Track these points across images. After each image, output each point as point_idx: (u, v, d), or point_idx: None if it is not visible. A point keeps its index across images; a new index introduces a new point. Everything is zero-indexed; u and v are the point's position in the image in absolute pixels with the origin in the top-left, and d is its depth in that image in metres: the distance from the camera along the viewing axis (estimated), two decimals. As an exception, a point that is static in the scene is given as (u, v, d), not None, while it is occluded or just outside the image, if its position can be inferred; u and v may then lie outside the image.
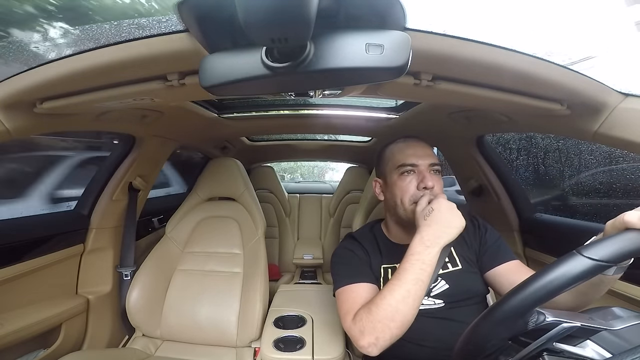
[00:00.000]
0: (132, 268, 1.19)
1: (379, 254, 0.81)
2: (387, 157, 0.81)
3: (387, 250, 0.81)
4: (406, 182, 0.74)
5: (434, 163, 0.75)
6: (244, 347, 1.09)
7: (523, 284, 0.38)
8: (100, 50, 0.53)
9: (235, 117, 1.33)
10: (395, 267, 0.74)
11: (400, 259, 0.75)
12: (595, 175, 1.40)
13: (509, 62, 0.54)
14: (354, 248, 0.82)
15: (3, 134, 0.67)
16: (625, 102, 0.63)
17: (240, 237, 1.28)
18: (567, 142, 1.51)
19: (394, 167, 0.77)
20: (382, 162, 0.82)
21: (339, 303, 0.74)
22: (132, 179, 1.22)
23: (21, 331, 0.87)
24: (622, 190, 1.23)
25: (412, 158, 0.75)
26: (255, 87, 0.46)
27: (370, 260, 0.80)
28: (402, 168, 0.75)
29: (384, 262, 0.80)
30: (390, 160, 0.79)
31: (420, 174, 0.74)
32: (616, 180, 1.26)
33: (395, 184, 0.76)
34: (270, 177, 2.26)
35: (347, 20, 0.40)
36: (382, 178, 0.82)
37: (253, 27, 0.32)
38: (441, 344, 0.69)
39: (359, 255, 0.80)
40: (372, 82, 0.59)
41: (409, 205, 0.73)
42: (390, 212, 0.81)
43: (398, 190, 0.75)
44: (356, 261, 0.79)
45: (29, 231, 0.99)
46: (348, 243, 0.85)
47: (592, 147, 1.35)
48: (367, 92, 0.73)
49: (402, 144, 0.80)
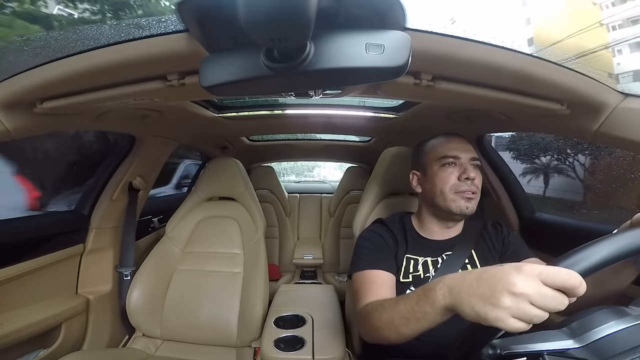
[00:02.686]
0: (132, 268, 1.19)
1: (405, 243, 0.82)
2: (427, 150, 0.82)
3: (414, 242, 0.82)
4: (447, 172, 0.76)
5: (474, 157, 0.77)
6: (244, 347, 1.09)
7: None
8: (100, 50, 0.53)
9: (235, 117, 1.33)
10: (418, 260, 0.78)
11: (426, 253, 0.79)
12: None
13: (509, 62, 0.54)
14: (382, 233, 0.83)
15: (3, 134, 0.67)
16: (625, 102, 0.63)
17: (240, 237, 1.28)
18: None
19: (436, 159, 0.78)
20: (422, 154, 0.83)
21: (355, 285, 0.75)
22: (132, 179, 1.22)
23: (21, 331, 0.87)
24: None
25: (454, 151, 0.76)
26: (255, 87, 0.46)
27: (397, 248, 0.81)
28: (444, 160, 0.76)
29: (409, 252, 0.80)
30: (430, 153, 0.80)
31: (462, 166, 0.75)
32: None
33: (436, 174, 0.77)
34: (270, 177, 2.26)
35: (347, 20, 0.40)
36: (421, 170, 0.83)
37: (253, 27, 0.32)
38: (439, 339, 0.69)
39: (387, 242, 0.81)
40: (372, 82, 0.59)
41: (451, 194, 0.75)
42: (428, 203, 0.82)
43: (439, 180, 0.76)
44: (383, 248, 0.80)
45: (29, 231, 0.98)
46: (377, 227, 0.86)
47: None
48: (367, 92, 0.73)
49: (444, 138, 0.81)
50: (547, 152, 3.50)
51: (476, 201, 0.76)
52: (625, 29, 10.51)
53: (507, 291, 0.36)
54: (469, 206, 0.74)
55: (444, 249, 0.80)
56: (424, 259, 0.78)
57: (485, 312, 0.38)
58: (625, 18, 10.37)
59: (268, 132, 1.95)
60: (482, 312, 0.38)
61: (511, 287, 0.36)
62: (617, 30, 10.65)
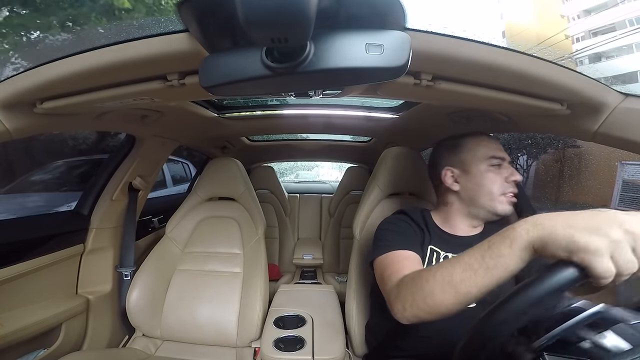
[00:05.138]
0: (132, 268, 1.19)
1: (429, 234, 0.81)
2: (467, 147, 0.81)
3: (437, 235, 0.81)
4: (495, 173, 0.76)
5: (510, 161, 0.78)
6: (244, 347, 1.09)
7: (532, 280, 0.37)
8: (100, 50, 0.53)
9: (235, 117, 1.33)
10: (440, 254, 0.78)
11: (448, 248, 0.78)
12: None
13: (509, 62, 0.54)
14: (407, 221, 0.83)
15: (3, 134, 0.67)
16: (625, 102, 0.63)
17: (240, 237, 1.28)
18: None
19: (484, 158, 0.77)
20: (461, 151, 0.81)
21: (382, 266, 0.70)
22: (132, 179, 1.22)
23: (21, 331, 0.87)
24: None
25: (500, 152, 0.77)
26: (255, 87, 0.46)
27: (423, 237, 0.80)
28: (493, 160, 0.76)
29: (432, 244, 0.80)
30: (474, 150, 0.79)
31: (507, 168, 0.76)
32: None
33: (483, 174, 0.76)
34: (270, 177, 2.26)
35: (347, 20, 0.40)
36: (460, 167, 0.81)
37: (253, 27, 0.32)
38: (449, 337, 0.68)
39: (413, 228, 0.81)
40: (372, 82, 0.59)
41: (499, 196, 0.75)
42: (466, 201, 0.80)
43: (488, 181, 0.76)
44: (410, 233, 0.79)
45: (29, 231, 0.99)
46: (401, 216, 0.85)
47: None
48: (367, 92, 0.73)
49: (486, 137, 0.81)
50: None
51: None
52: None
53: (619, 226, 0.35)
54: (510, 209, 0.75)
55: (466, 245, 0.79)
56: (446, 254, 0.78)
57: (586, 241, 0.34)
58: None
59: (268, 132, 1.95)
60: (583, 241, 0.35)
61: (624, 224, 0.35)
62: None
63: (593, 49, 11.15)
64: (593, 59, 11.25)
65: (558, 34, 12.07)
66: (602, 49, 11.05)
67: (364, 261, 1.05)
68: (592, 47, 11.21)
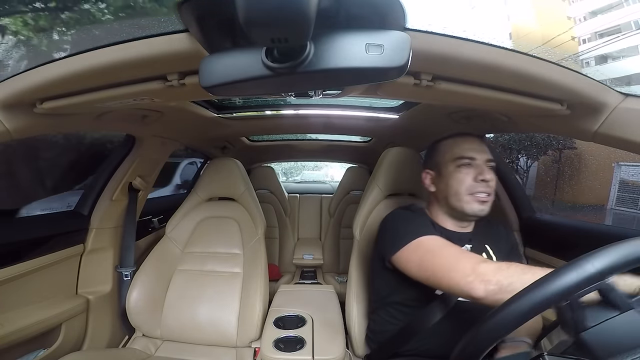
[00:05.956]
0: (132, 268, 1.19)
1: (433, 227, 0.80)
2: (442, 150, 0.81)
3: (436, 230, 0.80)
4: (463, 173, 0.75)
5: (490, 159, 0.77)
6: (244, 347, 1.09)
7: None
8: (100, 50, 0.53)
9: (235, 117, 1.33)
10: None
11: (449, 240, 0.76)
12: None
13: (509, 62, 0.54)
14: (412, 214, 0.83)
15: (3, 134, 0.67)
16: (625, 102, 0.63)
17: (240, 237, 1.28)
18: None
19: (452, 159, 0.77)
20: (437, 154, 0.83)
21: (416, 255, 0.69)
22: (132, 179, 1.22)
23: (21, 331, 0.87)
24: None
25: (470, 152, 0.76)
26: (255, 87, 0.46)
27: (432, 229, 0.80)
28: (459, 160, 0.76)
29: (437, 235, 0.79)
30: (446, 153, 0.80)
31: (478, 167, 0.75)
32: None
33: (451, 175, 0.77)
34: (270, 177, 2.26)
35: (347, 20, 0.40)
36: (435, 169, 0.82)
37: (253, 27, 0.32)
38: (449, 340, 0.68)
39: (421, 218, 0.81)
40: (372, 82, 0.59)
41: (465, 195, 0.74)
42: (441, 202, 0.81)
43: (454, 181, 0.76)
44: (420, 221, 0.79)
45: (29, 231, 0.98)
46: (405, 210, 0.85)
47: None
48: (367, 92, 0.73)
49: (460, 138, 0.81)
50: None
51: (490, 203, 0.76)
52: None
53: None
54: (483, 209, 0.74)
55: (463, 240, 0.80)
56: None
57: None
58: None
59: (268, 133, 1.95)
60: None
61: None
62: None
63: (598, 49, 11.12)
64: (599, 61, 11.25)
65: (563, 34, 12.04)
66: (608, 50, 11.03)
67: (364, 261, 1.05)
68: (597, 47, 11.20)
